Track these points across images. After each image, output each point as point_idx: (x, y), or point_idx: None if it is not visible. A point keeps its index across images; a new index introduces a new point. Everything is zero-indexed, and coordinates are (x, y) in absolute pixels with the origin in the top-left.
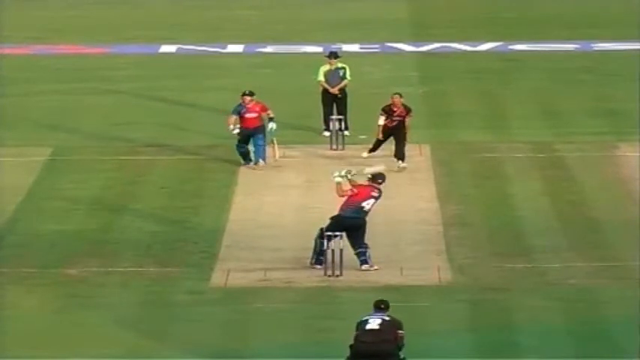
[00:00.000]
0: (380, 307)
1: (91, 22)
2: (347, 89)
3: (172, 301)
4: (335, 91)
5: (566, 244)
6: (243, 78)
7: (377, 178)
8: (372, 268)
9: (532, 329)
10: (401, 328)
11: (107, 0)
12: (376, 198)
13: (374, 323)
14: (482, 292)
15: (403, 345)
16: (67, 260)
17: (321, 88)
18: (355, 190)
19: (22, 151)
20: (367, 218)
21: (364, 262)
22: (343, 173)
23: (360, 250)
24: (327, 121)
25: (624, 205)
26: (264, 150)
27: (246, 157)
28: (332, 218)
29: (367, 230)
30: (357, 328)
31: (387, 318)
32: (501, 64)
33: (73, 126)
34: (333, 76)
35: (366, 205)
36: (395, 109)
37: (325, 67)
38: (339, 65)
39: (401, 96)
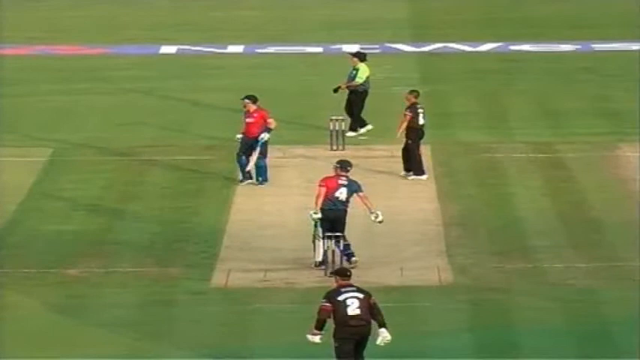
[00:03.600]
0: (347, 274)
1: (91, 22)
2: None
3: (173, 301)
4: (337, 86)
5: (567, 244)
6: (243, 78)
7: (344, 167)
8: (356, 262)
9: (532, 329)
10: (371, 296)
11: (107, 0)
12: (346, 186)
13: (353, 306)
14: (483, 292)
15: (382, 314)
16: (67, 260)
17: None
18: (323, 184)
19: (23, 151)
20: (349, 209)
21: (352, 254)
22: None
23: (346, 242)
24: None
25: (624, 205)
26: (265, 170)
27: (243, 170)
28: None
29: (366, 230)
30: (333, 304)
31: (360, 296)
32: (502, 65)
33: (73, 126)
34: (348, 76)
35: (340, 195)
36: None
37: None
38: (356, 66)
39: (416, 95)
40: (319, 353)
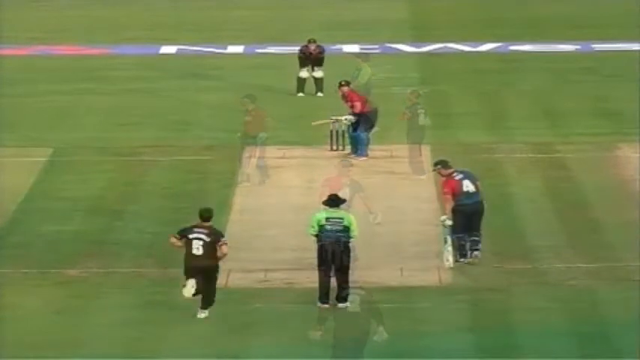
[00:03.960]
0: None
1: (91, 22)
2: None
3: (172, 302)
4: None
5: (567, 244)
6: (243, 78)
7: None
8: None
9: (532, 330)
10: None
11: (107, 0)
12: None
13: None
14: (483, 292)
15: None
16: (67, 261)
17: None
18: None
19: (23, 151)
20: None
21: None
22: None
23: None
24: None
25: (624, 205)
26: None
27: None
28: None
29: (366, 230)
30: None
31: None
32: (502, 65)
33: (73, 126)
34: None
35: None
36: None
37: None
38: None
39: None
40: (319, 353)
